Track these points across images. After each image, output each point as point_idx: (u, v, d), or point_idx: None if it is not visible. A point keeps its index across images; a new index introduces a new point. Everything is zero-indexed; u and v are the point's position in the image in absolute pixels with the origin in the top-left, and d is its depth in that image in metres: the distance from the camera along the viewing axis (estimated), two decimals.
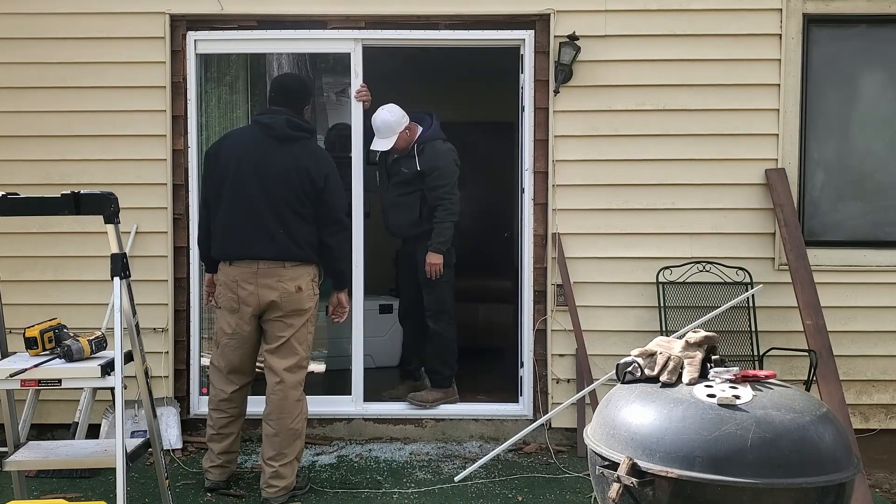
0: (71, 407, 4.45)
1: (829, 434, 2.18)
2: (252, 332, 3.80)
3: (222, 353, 3.85)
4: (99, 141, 4.68)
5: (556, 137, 4.67)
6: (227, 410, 3.87)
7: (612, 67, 4.64)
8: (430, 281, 4.88)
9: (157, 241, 4.70)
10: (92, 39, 4.67)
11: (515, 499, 3.94)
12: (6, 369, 2.93)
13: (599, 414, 2.44)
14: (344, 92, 5.29)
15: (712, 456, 2.10)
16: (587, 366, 4.57)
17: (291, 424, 3.77)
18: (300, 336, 3.80)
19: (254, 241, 3.69)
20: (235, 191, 3.73)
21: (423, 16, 4.70)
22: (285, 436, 3.76)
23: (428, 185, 4.84)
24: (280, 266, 3.70)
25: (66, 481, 4.09)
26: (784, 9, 4.60)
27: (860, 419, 4.63)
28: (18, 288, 4.48)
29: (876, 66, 4.75)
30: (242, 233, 3.72)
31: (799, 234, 4.49)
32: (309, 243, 3.76)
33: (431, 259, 4.82)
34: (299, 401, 3.82)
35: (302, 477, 4.00)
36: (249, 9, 4.67)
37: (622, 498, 2.17)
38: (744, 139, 4.64)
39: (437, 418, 4.83)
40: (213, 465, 3.91)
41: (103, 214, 2.93)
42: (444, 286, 4.93)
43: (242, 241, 3.71)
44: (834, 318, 4.43)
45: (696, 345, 2.42)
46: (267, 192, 3.70)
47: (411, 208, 4.93)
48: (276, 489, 3.74)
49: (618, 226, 4.67)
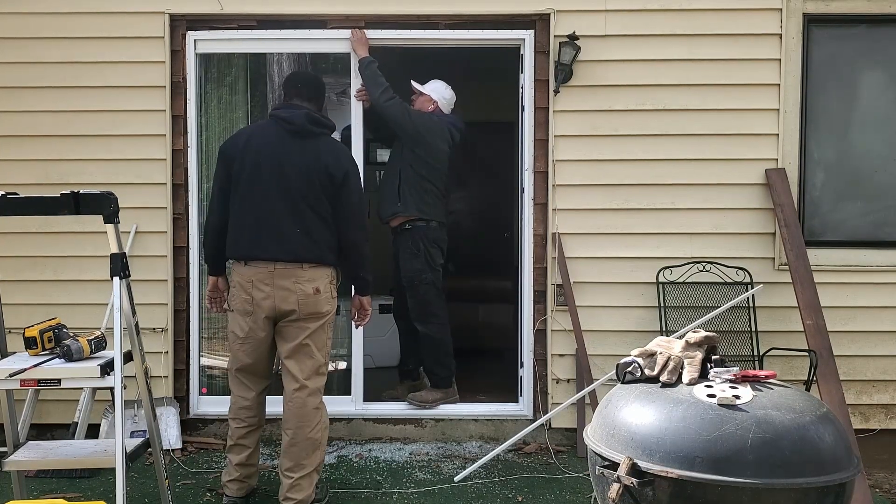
0: (70, 407, 4.45)
1: (829, 434, 2.18)
2: (266, 337, 3.60)
3: (236, 358, 3.66)
4: (98, 140, 4.68)
5: (556, 137, 4.67)
6: (245, 419, 3.67)
7: (612, 67, 4.64)
8: (411, 284, 4.84)
9: (157, 241, 4.69)
10: (91, 39, 4.67)
11: (515, 499, 3.94)
12: (6, 369, 2.93)
13: (599, 414, 2.44)
14: (344, 92, 5.28)
15: (712, 456, 2.10)
16: (587, 366, 4.57)
17: (310, 434, 3.56)
18: (318, 341, 3.60)
19: (270, 240, 3.51)
20: (251, 188, 3.53)
21: (423, 15, 4.69)
22: (303, 446, 3.55)
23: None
24: (298, 267, 3.51)
25: (65, 481, 4.09)
26: (784, 8, 4.60)
27: (860, 419, 4.63)
28: (18, 288, 4.48)
29: (876, 66, 4.75)
30: (258, 232, 3.52)
31: (799, 234, 4.49)
32: (328, 244, 3.58)
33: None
34: (318, 409, 3.61)
35: (321, 489, 3.83)
36: (249, 8, 4.67)
37: (622, 498, 2.17)
38: (744, 139, 4.64)
39: (437, 418, 4.83)
40: (230, 479, 3.70)
41: (103, 214, 2.93)
42: (425, 289, 4.83)
43: (258, 241, 3.52)
44: (834, 318, 4.43)
45: (696, 345, 2.42)
46: (285, 189, 3.52)
47: (390, 189, 4.89)
48: (293, 502, 3.52)
49: (618, 225, 4.67)
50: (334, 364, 5.52)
